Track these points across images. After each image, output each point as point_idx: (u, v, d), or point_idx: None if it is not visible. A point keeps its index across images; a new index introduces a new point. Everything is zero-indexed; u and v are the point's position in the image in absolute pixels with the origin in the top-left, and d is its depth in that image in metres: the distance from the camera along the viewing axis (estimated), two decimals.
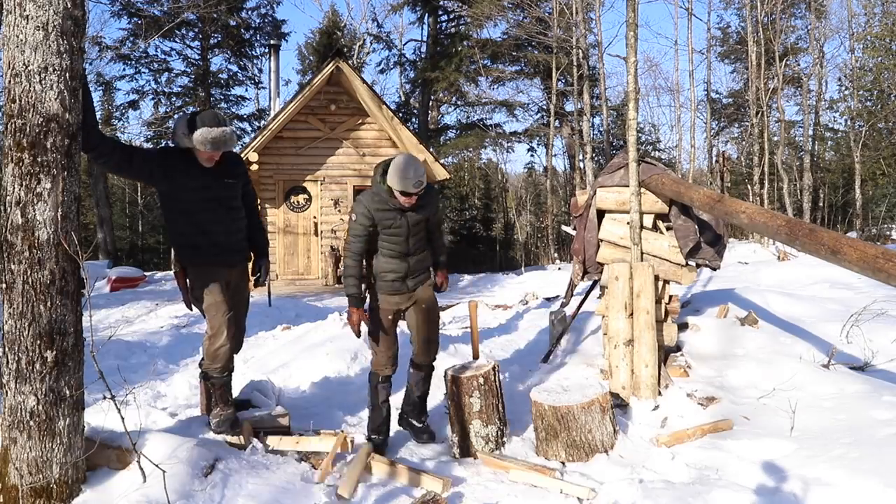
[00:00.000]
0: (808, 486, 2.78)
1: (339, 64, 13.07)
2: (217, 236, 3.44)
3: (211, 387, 3.52)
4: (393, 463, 3.30)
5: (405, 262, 3.67)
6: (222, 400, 3.47)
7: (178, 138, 3.32)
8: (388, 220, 3.53)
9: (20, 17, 2.56)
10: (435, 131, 26.34)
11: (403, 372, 4.02)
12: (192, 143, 3.25)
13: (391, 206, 3.52)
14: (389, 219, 3.54)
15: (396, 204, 3.49)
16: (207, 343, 3.43)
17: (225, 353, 3.43)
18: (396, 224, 3.57)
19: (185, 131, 3.27)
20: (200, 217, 3.40)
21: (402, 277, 3.69)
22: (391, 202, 3.50)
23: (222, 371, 3.47)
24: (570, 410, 3.36)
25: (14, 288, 2.59)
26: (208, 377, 3.53)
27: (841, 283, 7.25)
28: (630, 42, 4.26)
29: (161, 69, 24.58)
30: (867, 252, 2.55)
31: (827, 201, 23.55)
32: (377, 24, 27.29)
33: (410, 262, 3.69)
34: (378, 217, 3.52)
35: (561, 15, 20.30)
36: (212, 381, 3.51)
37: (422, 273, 3.78)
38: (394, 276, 3.68)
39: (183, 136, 3.28)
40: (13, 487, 2.62)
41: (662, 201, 4.38)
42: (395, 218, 3.55)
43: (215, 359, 3.42)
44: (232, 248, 3.54)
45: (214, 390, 3.50)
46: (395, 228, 3.58)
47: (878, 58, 20.13)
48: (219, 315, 3.38)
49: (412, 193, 3.40)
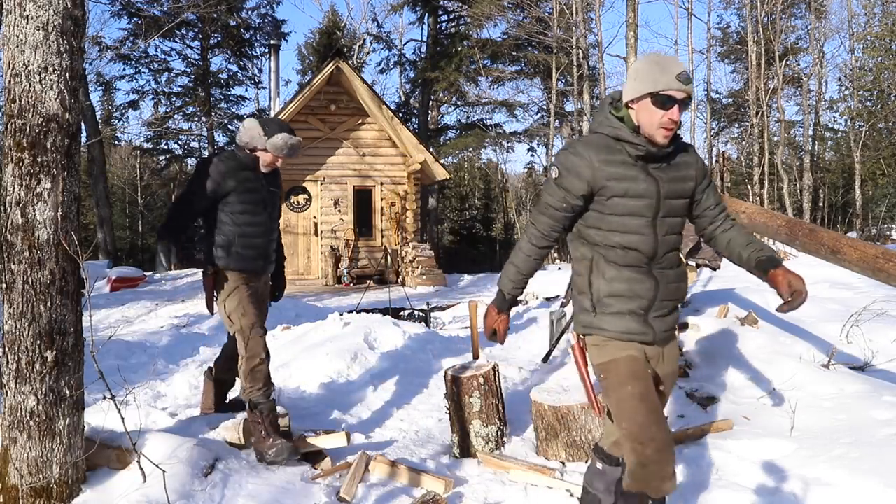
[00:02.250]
0: (808, 486, 2.78)
1: (339, 64, 13.08)
2: (256, 239, 3.45)
3: (259, 415, 3.25)
4: (393, 463, 3.29)
5: (650, 279, 2.09)
6: (273, 428, 3.25)
7: (247, 137, 3.31)
8: (625, 182, 2.03)
9: (20, 17, 2.56)
10: (435, 131, 26.35)
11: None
12: (267, 145, 3.28)
13: (630, 153, 2.06)
14: (626, 178, 2.04)
15: (640, 149, 2.04)
16: (245, 365, 3.30)
17: (265, 372, 3.33)
18: (636, 189, 2.04)
19: (260, 132, 3.28)
20: (245, 218, 3.39)
21: (643, 310, 2.11)
22: (630, 145, 2.05)
23: (267, 392, 3.31)
24: (570, 410, 3.36)
25: (14, 288, 2.59)
26: (255, 405, 3.27)
27: (841, 283, 7.24)
28: (630, 42, 4.26)
29: (161, 69, 24.62)
30: (867, 252, 2.55)
31: (827, 201, 23.56)
32: (377, 24, 27.34)
33: (659, 278, 2.11)
34: (604, 175, 2.04)
35: (561, 15, 20.30)
36: (259, 409, 3.26)
37: (672, 310, 2.18)
38: (629, 306, 2.10)
39: (259, 136, 3.29)
40: (13, 487, 2.62)
41: None
42: (636, 177, 2.04)
43: (256, 379, 3.28)
44: (267, 255, 3.55)
45: (263, 419, 3.24)
46: (634, 199, 2.04)
47: (878, 58, 20.13)
48: (254, 336, 3.32)
49: (677, 100, 1.98)
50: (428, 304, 8.90)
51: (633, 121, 2.07)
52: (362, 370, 5.16)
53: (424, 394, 4.58)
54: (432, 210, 23.53)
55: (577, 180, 2.07)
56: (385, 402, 4.50)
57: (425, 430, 4.01)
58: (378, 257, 14.51)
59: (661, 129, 2.00)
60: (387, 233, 14.50)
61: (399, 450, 3.69)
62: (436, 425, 4.05)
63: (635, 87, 2.03)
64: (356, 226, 14.36)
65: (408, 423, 4.11)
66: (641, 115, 2.04)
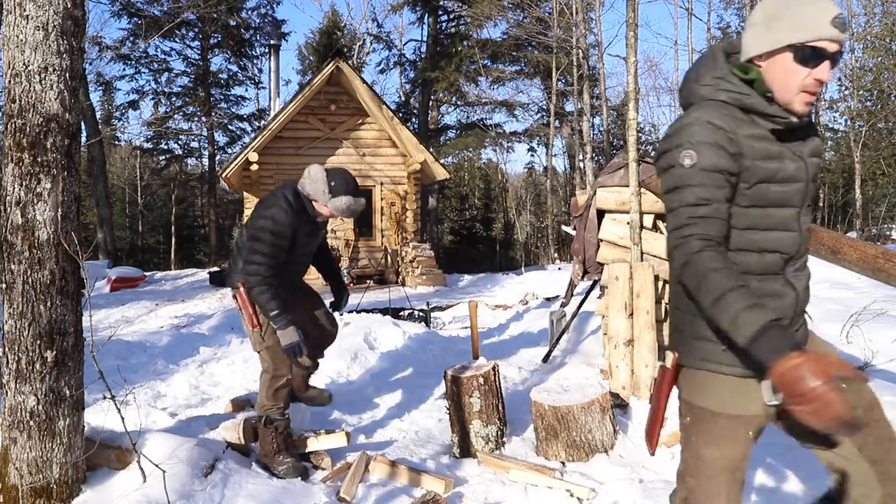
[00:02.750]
0: (808, 485, 2.78)
1: (339, 64, 13.08)
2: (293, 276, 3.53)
3: (273, 431, 3.27)
4: (393, 463, 3.30)
5: (790, 290, 1.62)
6: (286, 445, 3.29)
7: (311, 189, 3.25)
8: (773, 163, 1.54)
9: (20, 17, 2.56)
10: (435, 131, 26.36)
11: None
12: (329, 204, 3.24)
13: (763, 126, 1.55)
14: (773, 156, 1.55)
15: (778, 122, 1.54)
16: (269, 383, 3.31)
17: (286, 394, 3.36)
18: (786, 172, 1.56)
19: (325, 189, 3.23)
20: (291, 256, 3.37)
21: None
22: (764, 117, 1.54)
23: (284, 412, 3.34)
24: (570, 410, 3.36)
25: (14, 288, 2.59)
26: (271, 420, 3.28)
27: (841, 283, 7.24)
28: (630, 42, 4.26)
29: (161, 69, 24.65)
30: (867, 252, 2.55)
31: (827, 201, 23.56)
32: (377, 24, 27.36)
33: (796, 284, 1.64)
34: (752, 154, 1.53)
35: (561, 15, 20.30)
36: (275, 426, 3.28)
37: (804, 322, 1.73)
38: None
39: (323, 193, 3.23)
40: (13, 487, 2.62)
41: (662, 201, 4.38)
42: (783, 155, 1.56)
43: (277, 399, 3.30)
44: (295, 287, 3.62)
45: (277, 435, 3.26)
46: (784, 185, 1.57)
47: (878, 58, 20.13)
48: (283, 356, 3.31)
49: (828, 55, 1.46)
50: (428, 304, 8.90)
51: (763, 84, 1.53)
52: (362, 370, 5.16)
53: (424, 394, 4.58)
54: (432, 210, 23.54)
55: (726, 156, 1.50)
56: (385, 401, 4.50)
57: (425, 430, 4.01)
58: (378, 257, 14.52)
59: (804, 93, 1.48)
60: (387, 233, 14.51)
61: (399, 450, 3.69)
62: (436, 425, 4.05)
63: (770, 36, 1.49)
64: (356, 226, 14.36)
65: (408, 423, 4.11)
66: (775, 74, 1.50)
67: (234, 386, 4.96)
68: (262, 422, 3.31)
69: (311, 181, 3.24)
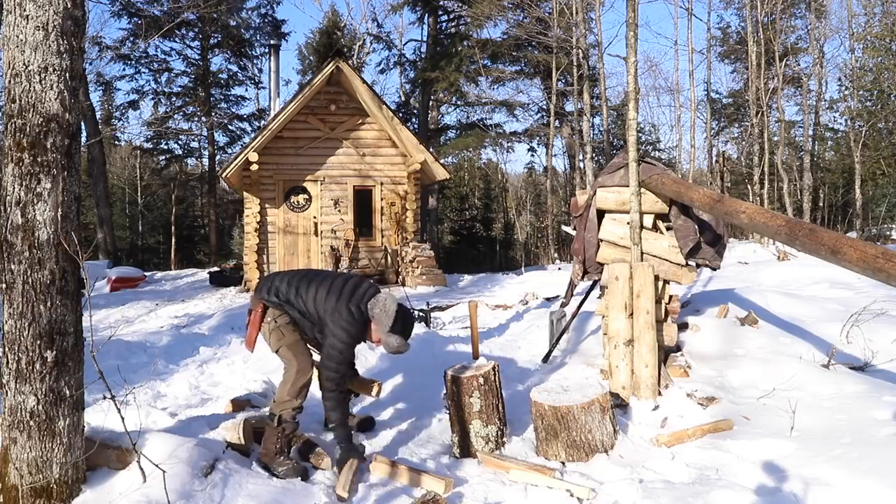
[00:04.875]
0: (808, 486, 2.78)
1: (339, 64, 13.07)
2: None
3: (280, 431, 3.34)
4: (394, 463, 3.30)
5: None
6: (288, 448, 3.38)
7: (379, 315, 3.41)
8: None
9: (20, 17, 2.56)
10: (435, 131, 26.34)
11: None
12: (382, 335, 3.40)
13: None
14: None
15: None
16: (295, 379, 3.43)
17: (308, 389, 3.49)
18: None
19: (388, 324, 3.38)
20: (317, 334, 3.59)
21: None
22: None
23: (296, 415, 3.43)
24: (570, 410, 3.36)
25: (14, 288, 2.59)
26: (281, 420, 3.37)
27: (841, 283, 7.24)
28: (630, 42, 4.26)
29: (161, 69, 24.62)
30: (867, 252, 2.55)
31: (827, 201, 23.54)
32: (377, 24, 27.29)
33: None
34: None
35: (561, 15, 20.29)
36: (283, 426, 3.36)
37: None
38: None
39: (384, 326, 3.39)
40: (13, 487, 2.62)
41: (662, 201, 4.38)
42: None
43: (300, 396, 3.43)
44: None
45: (282, 436, 3.34)
46: None
47: (878, 58, 20.11)
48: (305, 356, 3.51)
49: None
50: (428, 304, 8.89)
51: None
52: (362, 370, 5.15)
53: (424, 394, 4.58)
54: (432, 210, 23.52)
55: None
56: (385, 401, 4.50)
57: (425, 430, 4.01)
58: (378, 257, 14.51)
59: None
60: (387, 233, 14.49)
61: (399, 450, 3.69)
62: (436, 425, 4.05)
63: None
64: (356, 226, 14.35)
65: (408, 423, 4.11)
66: None
67: (234, 386, 4.95)
68: (274, 420, 3.38)
69: (383, 311, 3.41)
